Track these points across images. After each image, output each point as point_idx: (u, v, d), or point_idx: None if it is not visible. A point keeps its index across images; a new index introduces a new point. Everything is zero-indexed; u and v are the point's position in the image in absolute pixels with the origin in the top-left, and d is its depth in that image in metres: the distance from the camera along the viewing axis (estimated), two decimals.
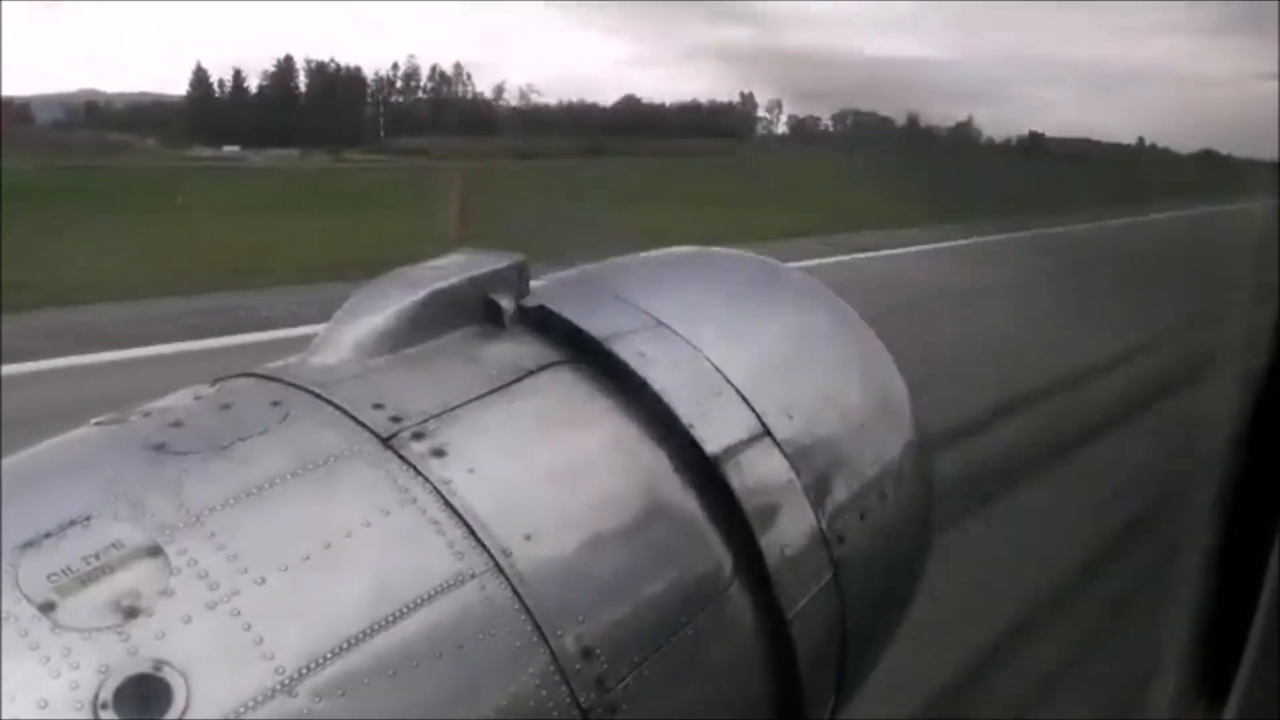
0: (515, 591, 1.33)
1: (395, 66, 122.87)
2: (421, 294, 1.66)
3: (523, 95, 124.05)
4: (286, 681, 1.14)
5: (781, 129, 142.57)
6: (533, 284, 1.80)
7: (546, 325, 1.72)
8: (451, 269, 1.75)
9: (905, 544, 2.01)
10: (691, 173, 44.35)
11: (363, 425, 1.42)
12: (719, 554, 1.58)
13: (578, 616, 1.37)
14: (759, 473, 1.65)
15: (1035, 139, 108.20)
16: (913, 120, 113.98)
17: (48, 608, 1.11)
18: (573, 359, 1.68)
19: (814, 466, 1.74)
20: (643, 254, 2.21)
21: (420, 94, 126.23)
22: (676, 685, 1.47)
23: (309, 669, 1.15)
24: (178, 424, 1.40)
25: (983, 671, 5.12)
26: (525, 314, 1.75)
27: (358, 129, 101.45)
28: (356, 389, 1.49)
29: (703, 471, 1.60)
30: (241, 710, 1.10)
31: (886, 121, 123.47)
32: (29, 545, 1.17)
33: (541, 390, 1.61)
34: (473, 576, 1.32)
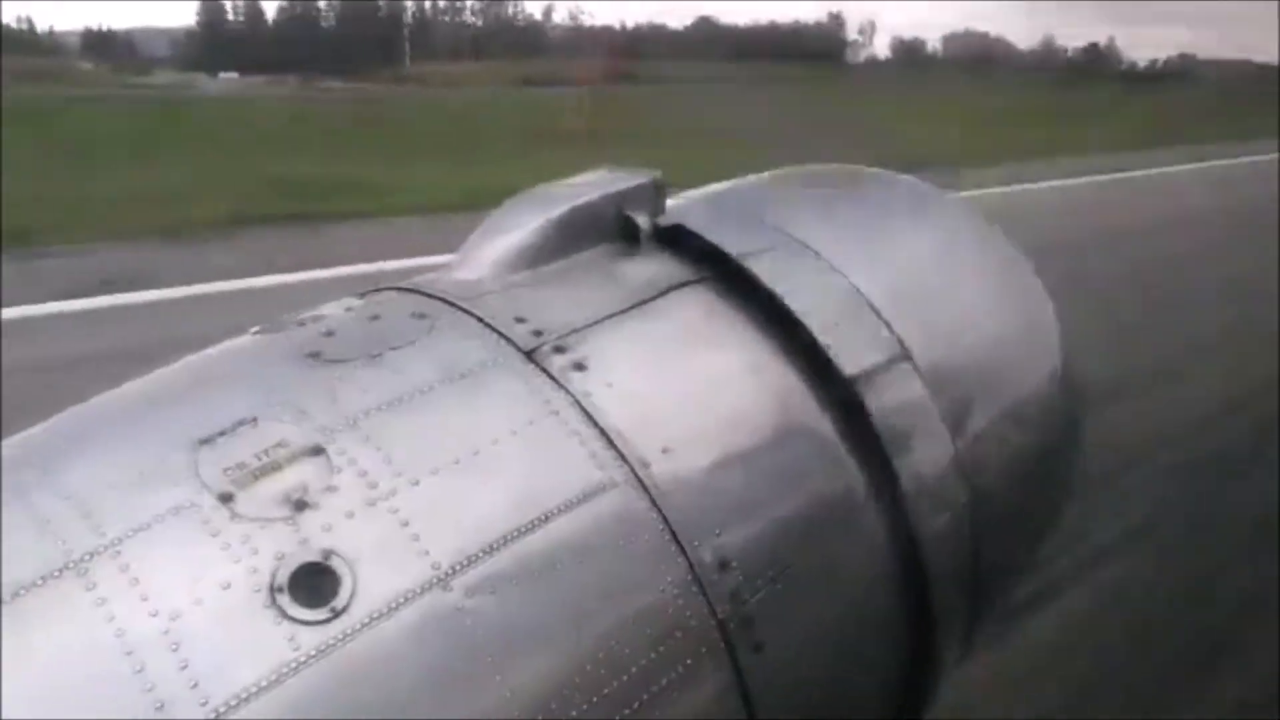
0: (654, 502, 1.40)
1: None
2: (561, 210, 1.72)
3: (572, 16, 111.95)
4: (441, 577, 1.23)
5: (884, 53, 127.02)
6: (669, 202, 1.86)
7: (683, 243, 1.77)
8: (590, 186, 1.80)
9: (1046, 477, 2.02)
10: (779, 104, 37.16)
11: (505, 338, 1.50)
12: (853, 476, 1.63)
13: (714, 529, 1.43)
14: (896, 396, 1.68)
15: (1186, 60, 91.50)
16: (1046, 43, 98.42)
17: (226, 498, 1.22)
18: (709, 277, 1.72)
19: (954, 393, 1.76)
20: (780, 170, 2.21)
21: (469, 15, 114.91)
22: (810, 602, 1.53)
23: (461, 566, 1.25)
24: (330, 333, 1.51)
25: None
26: (661, 232, 1.80)
27: (387, 54, 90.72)
28: (498, 303, 1.57)
29: (839, 393, 1.64)
30: (401, 600, 1.20)
31: (1000, 42, 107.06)
32: (205, 442, 1.28)
33: (678, 308, 1.67)
34: (613, 486, 1.39)
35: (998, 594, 1.92)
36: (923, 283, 1.89)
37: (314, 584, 1.17)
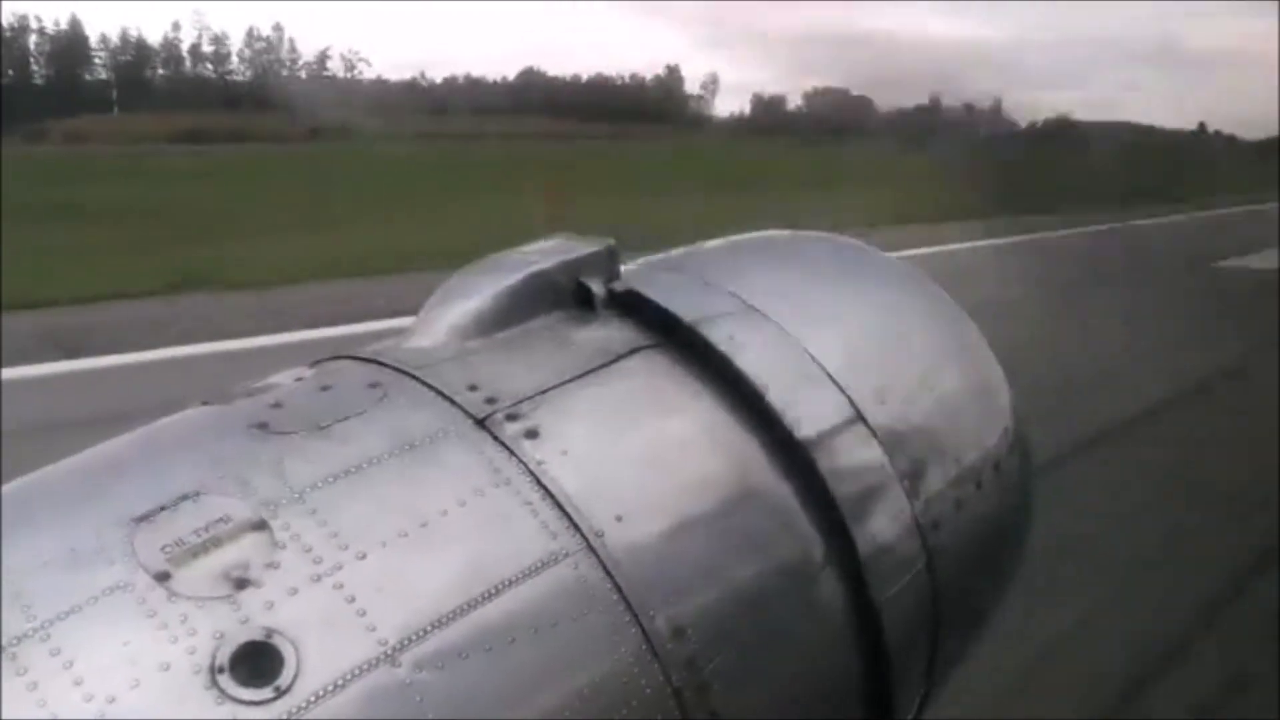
0: (608, 572, 1.46)
1: (177, 26, 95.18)
2: (517, 278, 1.79)
3: (348, 65, 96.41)
4: (389, 652, 1.27)
5: (723, 110, 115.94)
6: (623, 268, 1.96)
7: (637, 309, 1.86)
8: (545, 253, 1.87)
9: (1002, 534, 2.12)
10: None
11: (458, 406, 1.55)
12: (809, 539, 1.71)
13: (669, 597, 1.51)
14: (851, 458, 1.76)
15: (1062, 123, 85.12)
16: (933, 102, 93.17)
17: (163, 577, 1.24)
18: (663, 342, 1.81)
19: (908, 453, 1.85)
20: (733, 237, 2.30)
21: (236, 61, 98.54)
22: (767, 668, 1.62)
23: (409, 641, 1.29)
24: (278, 405, 1.55)
25: None
26: (616, 298, 1.89)
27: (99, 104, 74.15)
28: (452, 371, 1.63)
29: (794, 456, 1.73)
30: (348, 677, 1.24)
31: (863, 101, 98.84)
32: (143, 519, 1.30)
33: (632, 373, 1.74)
34: (566, 556, 1.44)
35: (953, 656, 2.02)
36: (874, 344, 1.99)
37: (256, 663, 1.20)
